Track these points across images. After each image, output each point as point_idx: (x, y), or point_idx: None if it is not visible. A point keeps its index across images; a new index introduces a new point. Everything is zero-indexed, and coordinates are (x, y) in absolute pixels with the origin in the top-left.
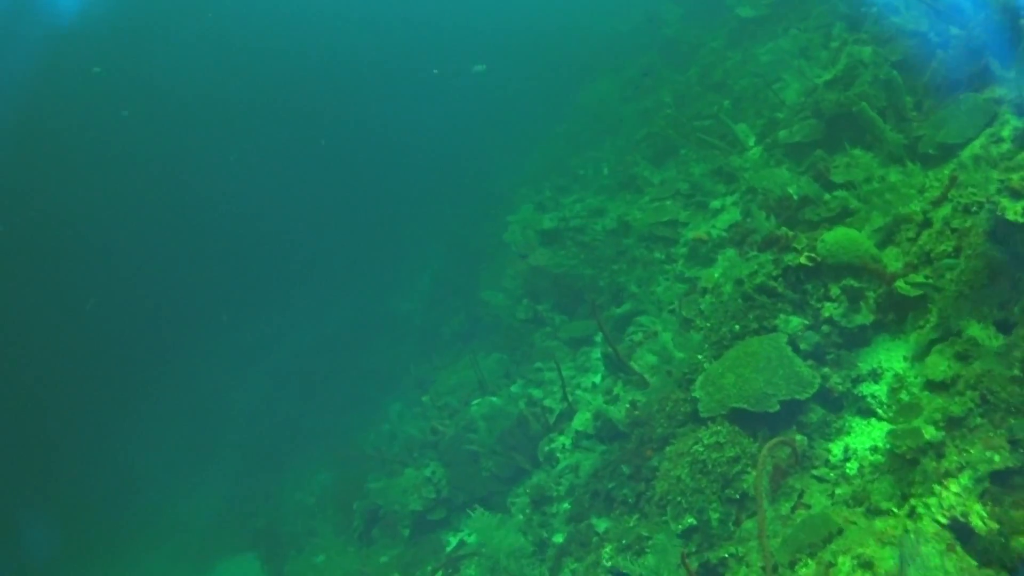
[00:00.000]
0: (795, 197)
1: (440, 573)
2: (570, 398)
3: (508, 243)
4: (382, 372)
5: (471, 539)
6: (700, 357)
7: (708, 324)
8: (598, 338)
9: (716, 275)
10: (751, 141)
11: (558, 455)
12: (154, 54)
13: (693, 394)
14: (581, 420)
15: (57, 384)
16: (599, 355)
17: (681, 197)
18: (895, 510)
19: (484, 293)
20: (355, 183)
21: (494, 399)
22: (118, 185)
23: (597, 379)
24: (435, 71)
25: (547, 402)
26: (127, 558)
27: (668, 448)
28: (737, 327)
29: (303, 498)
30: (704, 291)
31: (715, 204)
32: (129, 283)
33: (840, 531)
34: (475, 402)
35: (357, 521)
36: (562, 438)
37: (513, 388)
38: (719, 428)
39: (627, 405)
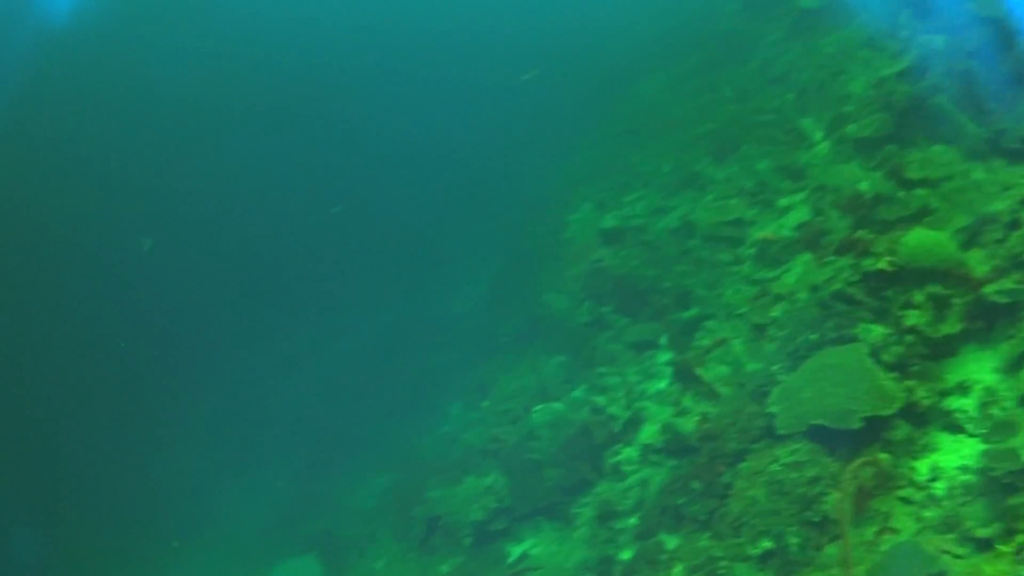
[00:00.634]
0: (868, 195)
1: None
2: (635, 406)
3: (568, 243)
4: (440, 374)
5: (534, 551)
6: (775, 368)
7: (783, 333)
8: (662, 341)
9: (790, 280)
10: (818, 136)
11: (624, 468)
12: (180, 56)
13: (768, 409)
14: (649, 432)
15: (109, 390)
16: (664, 360)
17: (746, 195)
18: (1001, 548)
19: (545, 295)
20: (411, 184)
21: (557, 405)
22: (150, 187)
23: (663, 385)
24: (526, 76)
25: (611, 410)
26: (182, 559)
27: (742, 465)
28: (814, 336)
29: (362, 502)
30: (777, 297)
31: (782, 202)
32: (184, 287)
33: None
34: (537, 408)
35: (417, 528)
36: (628, 449)
37: (576, 393)
38: (798, 446)
39: (697, 417)
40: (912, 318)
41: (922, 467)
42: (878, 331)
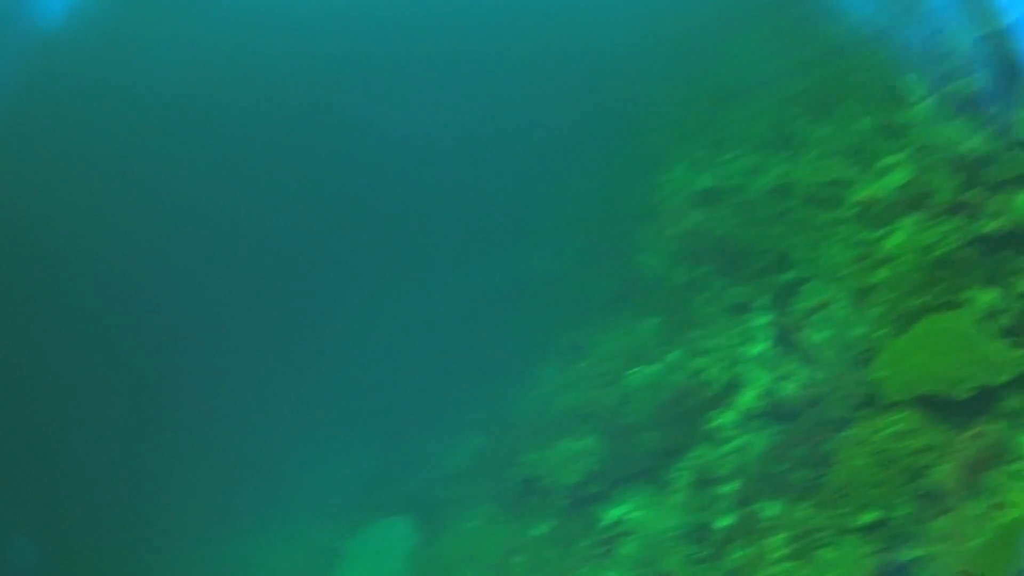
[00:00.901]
0: (974, 155)
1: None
2: (734, 370)
3: (662, 204)
4: (533, 336)
5: (629, 516)
6: (880, 334)
7: (888, 297)
8: (761, 303)
9: (895, 243)
10: (919, 94)
11: (723, 433)
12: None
13: (873, 376)
14: (749, 397)
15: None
16: (763, 323)
17: (846, 154)
18: None
19: (639, 256)
20: (501, 139)
21: (653, 368)
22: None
23: (762, 348)
24: None
25: (709, 373)
26: (276, 519)
27: (846, 433)
28: (921, 301)
29: (455, 463)
30: (882, 260)
31: (884, 162)
32: (275, 249)
33: None
34: (633, 371)
35: (511, 490)
36: (728, 414)
37: (672, 356)
38: (904, 415)
39: (799, 383)
40: None
41: None
42: (989, 296)
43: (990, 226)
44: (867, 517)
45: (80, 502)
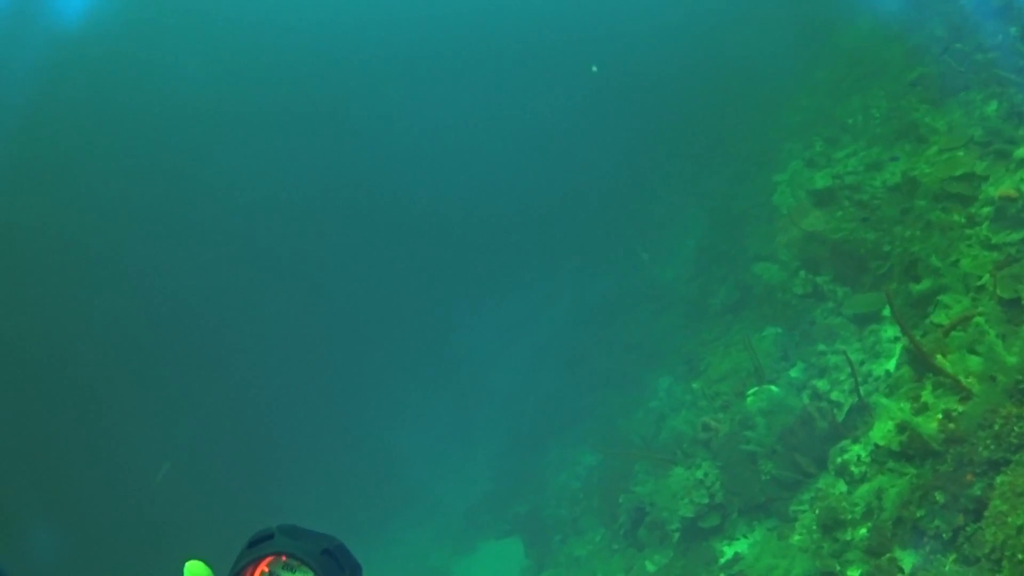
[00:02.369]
0: None
1: None
2: (861, 391)
3: (777, 206)
4: (647, 346)
5: (748, 553)
6: None
7: None
8: (886, 312)
9: None
10: None
11: (852, 468)
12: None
13: None
14: (882, 430)
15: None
16: (890, 335)
17: (976, 146)
18: None
19: (755, 266)
20: (610, 146)
21: (772, 388)
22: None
23: (890, 366)
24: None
25: (834, 395)
26: (389, 534)
27: (999, 479)
28: None
29: (567, 481)
30: None
31: (1020, 153)
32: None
33: None
34: (751, 392)
35: (622, 517)
36: (856, 447)
37: (792, 373)
38: None
39: (939, 416)
40: None
41: None
42: None
43: None
44: None
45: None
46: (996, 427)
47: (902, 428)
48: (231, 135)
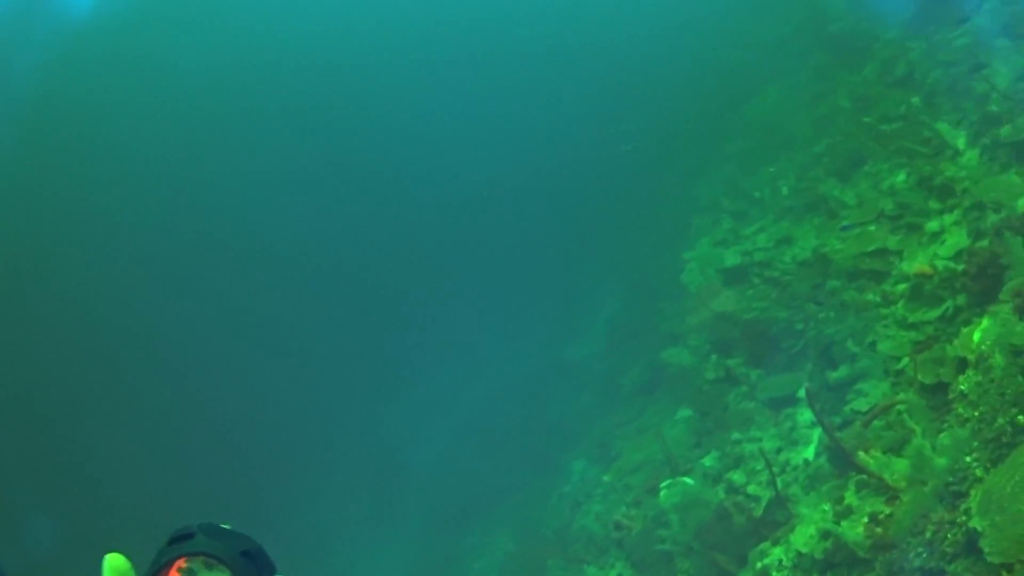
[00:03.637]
0: None
1: None
2: (779, 483)
3: (686, 284)
4: (562, 427)
5: None
6: (969, 460)
7: (977, 412)
8: (801, 393)
9: (976, 338)
10: (960, 142)
11: (774, 573)
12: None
13: (971, 523)
14: (803, 536)
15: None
16: (808, 419)
17: (886, 219)
18: None
19: (664, 352)
20: (515, 221)
21: (687, 480)
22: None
23: (809, 454)
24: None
25: (751, 488)
26: None
27: None
28: (1022, 417)
29: (486, 568)
30: (962, 363)
31: (932, 226)
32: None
33: None
34: (664, 484)
35: None
36: (778, 551)
37: (707, 462)
38: None
39: (865, 519)
40: None
41: None
42: None
43: None
44: None
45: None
46: (928, 534)
47: (825, 534)
48: (228, 134)
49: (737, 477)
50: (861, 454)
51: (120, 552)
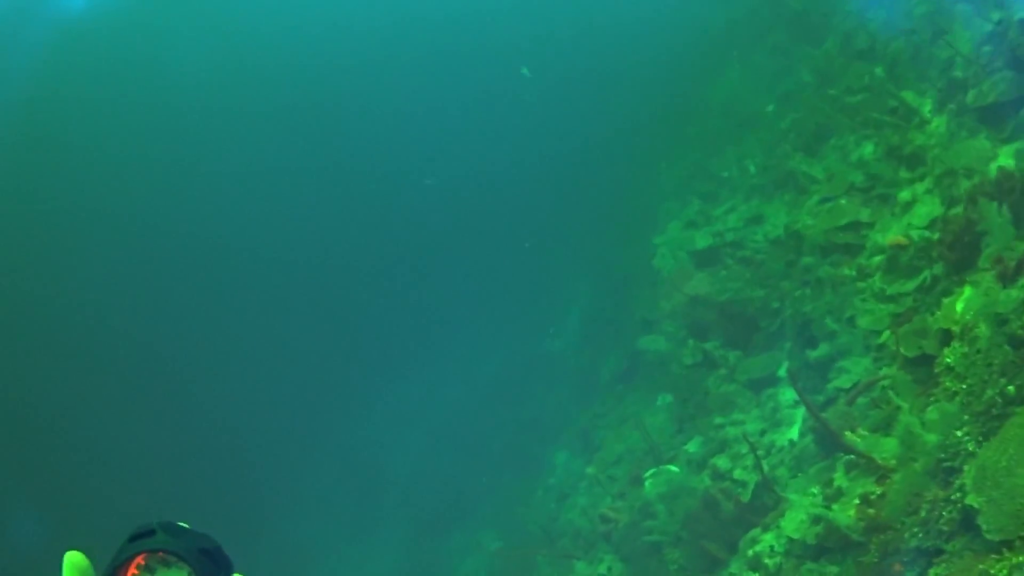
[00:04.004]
0: (1018, 174)
1: None
2: (765, 466)
3: (659, 269)
4: (542, 421)
5: None
6: (960, 434)
7: (964, 385)
8: (781, 372)
9: (959, 309)
10: (927, 110)
11: (767, 560)
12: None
13: (966, 500)
14: (794, 522)
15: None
16: (790, 398)
17: (857, 192)
18: None
19: (641, 339)
20: (483, 213)
21: (671, 468)
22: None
23: (794, 434)
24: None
25: (736, 473)
26: None
27: (933, 571)
28: (1012, 388)
29: (472, 570)
30: (944, 333)
31: (903, 195)
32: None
33: None
34: (648, 474)
35: None
36: (768, 537)
37: (690, 447)
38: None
39: (856, 501)
40: None
41: None
42: None
43: None
44: None
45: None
46: (923, 513)
47: (816, 519)
48: (224, 133)
49: (722, 463)
50: (848, 434)
51: (80, 550)
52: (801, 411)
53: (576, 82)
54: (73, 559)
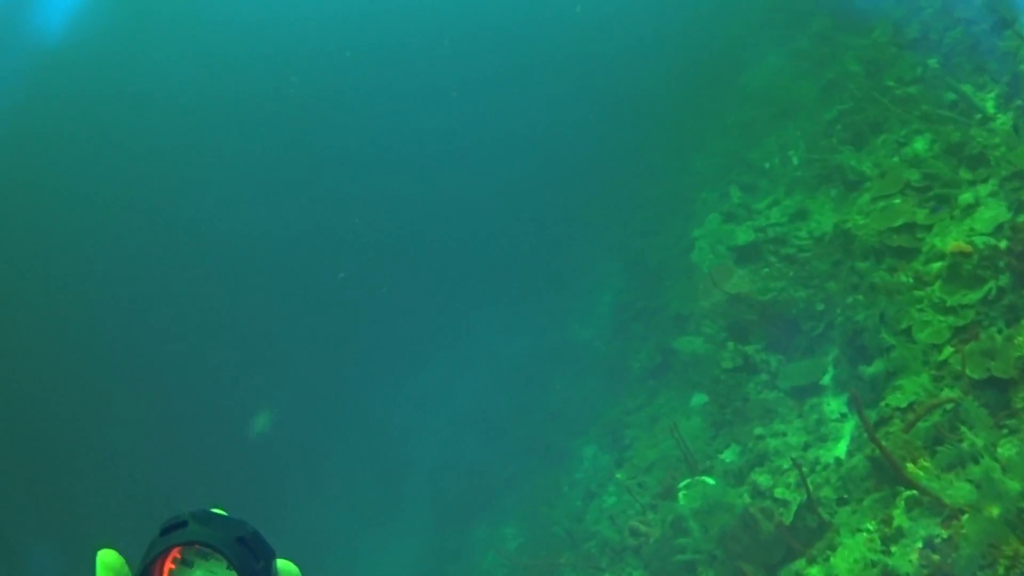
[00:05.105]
0: None
1: None
2: (809, 484)
3: (697, 264)
4: (568, 413)
5: None
6: None
7: None
8: (825, 380)
9: None
10: (989, 106)
11: None
12: None
13: None
14: (846, 561)
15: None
16: (835, 409)
17: (913, 191)
18: None
19: (676, 340)
20: (514, 199)
21: (707, 480)
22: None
23: (841, 451)
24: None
25: (778, 491)
26: None
27: None
28: None
29: (494, 563)
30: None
31: (964, 197)
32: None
33: None
34: (682, 486)
35: None
36: (814, 571)
37: (726, 456)
38: None
39: (919, 544)
40: None
41: None
42: None
43: None
44: None
45: None
46: (1000, 570)
47: (871, 564)
48: (218, 134)
49: (762, 479)
50: (910, 466)
51: (113, 548)
52: (849, 426)
53: (610, 65)
54: (106, 558)
